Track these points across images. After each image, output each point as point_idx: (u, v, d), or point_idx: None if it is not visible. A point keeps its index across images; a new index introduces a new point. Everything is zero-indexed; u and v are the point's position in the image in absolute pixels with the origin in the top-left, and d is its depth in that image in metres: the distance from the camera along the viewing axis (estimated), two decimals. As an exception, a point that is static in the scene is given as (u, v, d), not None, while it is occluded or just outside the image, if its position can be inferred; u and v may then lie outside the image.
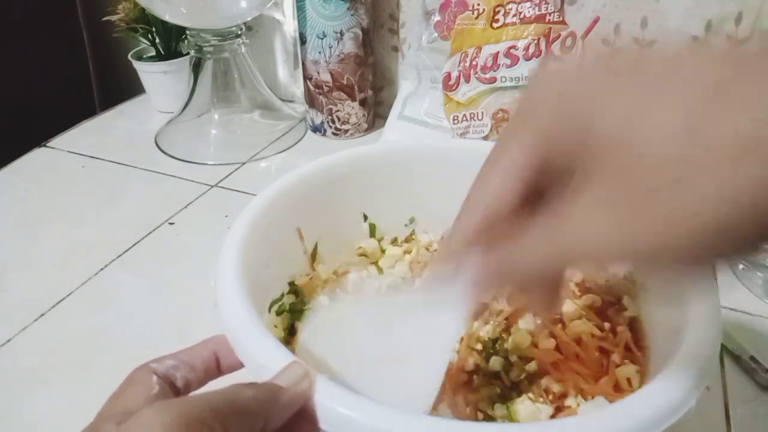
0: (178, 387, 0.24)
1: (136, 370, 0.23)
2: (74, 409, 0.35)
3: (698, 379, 0.24)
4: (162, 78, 0.72)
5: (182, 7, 0.59)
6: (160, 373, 0.23)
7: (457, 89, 0.58)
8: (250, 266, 0.30)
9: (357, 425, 0.22)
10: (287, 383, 0.22)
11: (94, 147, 0.66)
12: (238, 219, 0.33)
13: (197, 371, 0.25)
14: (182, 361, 0.24)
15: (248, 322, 0.26)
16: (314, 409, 0.23)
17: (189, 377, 0.24)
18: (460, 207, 0.22)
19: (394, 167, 0.42)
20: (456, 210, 0.23)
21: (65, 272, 0.47)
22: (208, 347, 0.26)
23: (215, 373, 0.26)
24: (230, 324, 0.26)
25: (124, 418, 0.20)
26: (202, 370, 0.25)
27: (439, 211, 0.43)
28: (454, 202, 0.23)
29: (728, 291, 0.44)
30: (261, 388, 0.22)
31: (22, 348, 0.41)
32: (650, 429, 0.22)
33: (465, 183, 0.23)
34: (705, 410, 0.36)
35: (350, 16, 0.61)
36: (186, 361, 0.24)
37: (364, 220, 0.42)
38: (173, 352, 0.25)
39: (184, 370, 0.24)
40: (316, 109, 0.67)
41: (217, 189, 0.59)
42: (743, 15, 0.53)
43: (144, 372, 0.23)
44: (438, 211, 0.43)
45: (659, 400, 0.23)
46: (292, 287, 0.37)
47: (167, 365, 0.24)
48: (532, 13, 0.55)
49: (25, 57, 0.76)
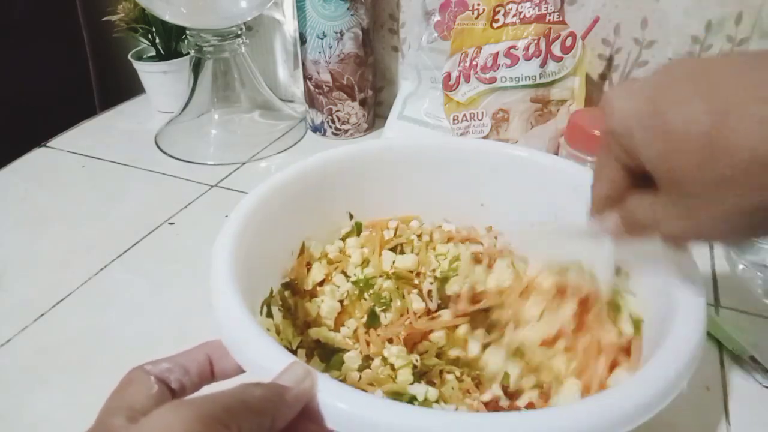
0: (173, 389, 0.24)
1: (132, 371, 0.23)
2: (74, 409, 0.35)
3: (684, 368, 0.25)
4: (162, 78, 0.72)
5: (182, 7, 0.59)
6: (155, 374, 0.23)
7: (457, 89, 0.58)
8: (242, 267, 0.31)
9: (360, 421, 0.22)
10: (290, 382, 0.23)
11: (94, 147, 0.66)
12: (227, 223, 0.33)
13: (191, 375, 0.25)
14: (177, 364, 0.24)
15: (245, 324, 0.26)
16: (317, 408, 0.23)
17: (183, 380, 0.24)
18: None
19: (383, 165, 0.43)
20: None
21: (65, 272, 0.47)
22: (203, 351, 0.26)
23: (209, 378, 0.26)
24: (227, 327, 0.26)
25: (132, 414, 0.20)
26: (196, 374, 0.25)
27: (429, 207, 0.44)
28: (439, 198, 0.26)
29: (728, 291, 0.45)
30: (267, 387, 0.22)
31: (22, 348, 0.41)
32: (641, 415, 0.23)
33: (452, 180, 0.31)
34: (705, 410, 0.36)
35: (350, 16, 0.61)
36: (181, 364, 0.25)
37: (350, 219, 0.42)
38: (169, 356, 0.25)
39: (179, 373, 0.24)
40: (316, 109, 0.67)
41: (217, 189, 0.59)
42: (743, 15, 0.53)
43: (140, 373, 0.23)
44: (428, 206, 0.44)
45: (646, 389, 0.24)
46: (286, 286, 0.37)
47: (162, 368, 0.24)
48: (532, 13, 0.55)
49: (25, 57, 0.76)
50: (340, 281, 0.39)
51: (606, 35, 0.59)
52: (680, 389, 0.25)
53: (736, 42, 0.54)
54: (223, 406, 0.20)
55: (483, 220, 0.44)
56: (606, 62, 0.60)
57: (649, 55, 0.58)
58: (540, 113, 0.58)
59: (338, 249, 0.41)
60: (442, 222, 0.44)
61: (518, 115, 0.57)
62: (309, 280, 0.39)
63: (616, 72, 0.60)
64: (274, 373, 0.24)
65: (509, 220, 0.43)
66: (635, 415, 0.23)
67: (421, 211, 0.44)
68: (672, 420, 0.34)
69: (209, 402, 0.20)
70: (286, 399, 0.22)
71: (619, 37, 0.58)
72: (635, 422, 0.23)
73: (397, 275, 0.39)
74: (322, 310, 0.37)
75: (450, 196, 0.44)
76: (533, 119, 0.58)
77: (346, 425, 0.23)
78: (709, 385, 0.37)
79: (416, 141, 0.50)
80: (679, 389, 0.25)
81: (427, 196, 0.44)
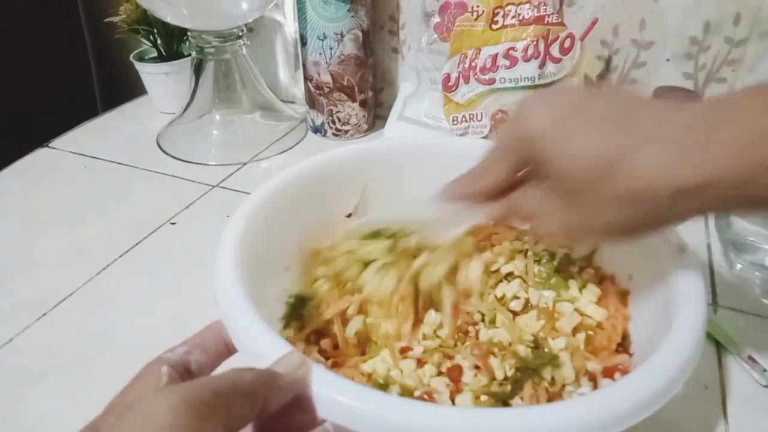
0: (193, 371, 0.24)
1: (148, 365, 0.24)
2: (75, 409, 0.35)
3: (683, 368, 0.25)
4: (163, 79, 0.72)
5: (183, 9, 0.59)
6: (174, 361, 0.24)
7: (457, 90, 0.58)
8: (247, 259, 0.31)
9: (354, 412, 0.23)
10: (284, 370, 0.23)
11: (96, 148, 0.66)
12: (234, 216, 0.34)
13: (209, 353, 0.26)
14: (194, 346, 0.25)
15: (246, 313, 0.27)
16: (311, 398, 0.23)
17: (202, 360, 0.25)
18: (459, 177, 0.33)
19: (383, 165, 0.43)
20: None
21: (67, 272, 0.47)
22: (214, 331, 0.27)
23: (225, 353, 0.27)
24: (228, 315, 0.27)
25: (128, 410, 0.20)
26: (213, 351, 0.26)
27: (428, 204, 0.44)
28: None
29: (726, 291, 0.45)
30: (259, 371, 0.23)
31: (23, 348, 0.41)
32: (638, 413, 0.24)
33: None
34: (703, 409, 0.36)
35: (350, 17, 0.61)
36: (198, 345, 0.25)
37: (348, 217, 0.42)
38: (184, 340, 0.25)
39: (197, 354, 0.25)
40: (316, 110, 0.67)
41: (218, 189, 0.59)
42: (741, 16, 0.53)
43: (155, 365, 0.23)
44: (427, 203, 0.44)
45: (645, 386, 0.24)
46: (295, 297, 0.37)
47: (180, 352, 0.25)
48: (530, 15, 0.55)
49: (27, 58, 0.76)
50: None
51: (604, 36, 0.59)
52: (677, 389, 0.25)
53: (734, 43, 0.54)
54: (212, 390, 0.20)
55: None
56: (604, 63, 0.60)
57: (647, 56, 0.58)
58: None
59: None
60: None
61: (518, 116, 0.57)
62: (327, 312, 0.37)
63: (614, 73, 0.60)
64: (269, 361, 0.24)
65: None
66: (633, 412, 0.23)
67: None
68: (670, 419, 0.34)
69: (197, 387, 0.20)
70: (279, 384, 0.23)
71: (617, 39, 0.59)
72: (633, 420, 0.23)
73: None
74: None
75: None
76: (533, 120, 0.58)
77: (339, 415, 0.23)
78: (707, 384, 0.37)
79: (416, 141, 0.50)
80: (677, 389, 0.25)
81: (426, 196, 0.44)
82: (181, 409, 0.19)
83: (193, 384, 0.20)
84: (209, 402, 0.19)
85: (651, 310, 0.32)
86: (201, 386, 0.20)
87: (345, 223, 0.43)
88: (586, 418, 0.23)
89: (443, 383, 0.31)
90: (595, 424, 0.23)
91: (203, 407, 0.19)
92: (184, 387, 0.20)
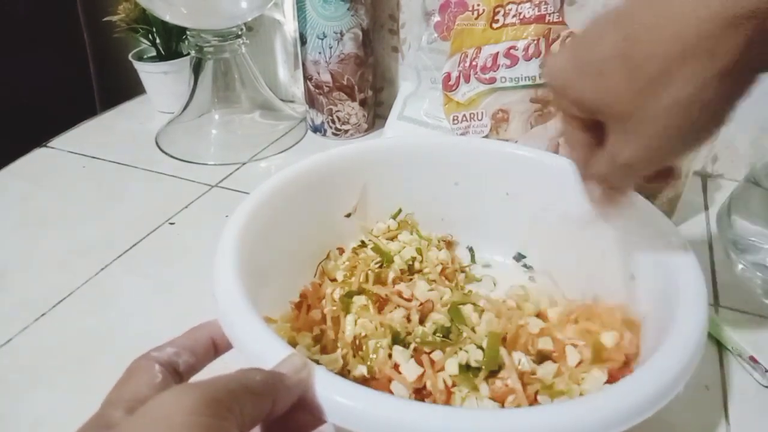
0: (181, 372, 0.24)
1: (137, 360, 0.24)
2: (74, 409, 0.35)
3: (685, 368, 0.25)
4: (162, 78, 0.72)
5: (183, 8, 0.59)
6: (162, 361, 0.24)
7: (457, 89, 0.58)
8: (246, 259, 0.31)
9: (355, 413, 0.23)
10: (288, 371, 0.23)
11: (95, 147, 0.66)
12: (233, 216, 0.34)
13: (198, 355, 0.25)
14: (183, 347, 0.25)
15: (245, 313, 0.27)
16: (313, 399, 0.23)
17: (191, 362, 0.25)
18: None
19: (383, 164, 0.43)
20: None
21: (66, 272, 0.47)
22: (203, 331, 0.27)
23: (212, 355, 0.27)
24: (228, 315, 0.27)
25: (133, 405, 0.20)
26: (202, 353, 0.26)
27: (428, 203, 0.44)
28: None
29: (728, 291, 0.45)
30: (268, 373, 0.23)
31: (22, 348, 0.41)
32: (640, 413, 0.23)
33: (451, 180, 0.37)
34: (704, 409, 0.36)
35: (350, 16, 0.61)
36: (186, 346, 0.25)
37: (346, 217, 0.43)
38: (171, 340, 0.25)
39: (186, 356, 0.25)
40: (316, 110, 0.67)
41: (217, 189, 0.59)
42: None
43: (145, 361, 0.23)
44: (427, 206, 0.44)
45: (646, 386, 0.24)
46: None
47: (169, 353, 0.24)
48: (531, 14, 0.55)
49: (25, 57, 0.76)
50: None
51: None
52: (679, 389, 0.25)
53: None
54: (226, 389, 0.20)
55: (482, 219, 0.44)
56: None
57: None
58: (540, 113, 0.58)
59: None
60: (440, 221, 0.44)
61: (518, 115, 0.57)
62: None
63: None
64: (273, 363, 0.24)
65: (510, 217, 0.43)
66: (634, 413, 0.23)
67: (421, 210, 0.44)
68: (671, 419, 0.34)
69: (212, 386, 0.20)
70: (286, 384, 0.23)
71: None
72: (634, 420, 0.23)
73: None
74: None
75: (449, 195, 0.44)
76: (533, 119, 0.58)
77: (340, 416, 0.23)
78: (708, 384, 0.37)
79: (416, 141, 0.50)
80: (678, 389, 0.25)
81: (427, 196, 0.44)
82: (200, 407, 0.19)
83: (208, 383, 0.20)
84: (225, 401, 0.19)
85: (652, 310, 0.32)
86: (216, 385, 0.20)
87: (345, 223, 0.43)
88: (588, 418, 0.23)
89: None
90: (596, 424, 0.23)
91: (220, 406, 0.19)
92: (200, 385, 0.20)
